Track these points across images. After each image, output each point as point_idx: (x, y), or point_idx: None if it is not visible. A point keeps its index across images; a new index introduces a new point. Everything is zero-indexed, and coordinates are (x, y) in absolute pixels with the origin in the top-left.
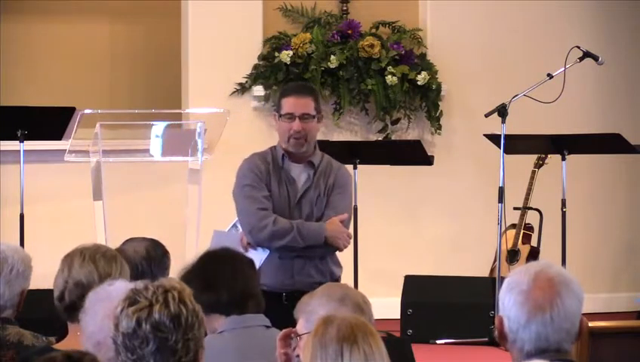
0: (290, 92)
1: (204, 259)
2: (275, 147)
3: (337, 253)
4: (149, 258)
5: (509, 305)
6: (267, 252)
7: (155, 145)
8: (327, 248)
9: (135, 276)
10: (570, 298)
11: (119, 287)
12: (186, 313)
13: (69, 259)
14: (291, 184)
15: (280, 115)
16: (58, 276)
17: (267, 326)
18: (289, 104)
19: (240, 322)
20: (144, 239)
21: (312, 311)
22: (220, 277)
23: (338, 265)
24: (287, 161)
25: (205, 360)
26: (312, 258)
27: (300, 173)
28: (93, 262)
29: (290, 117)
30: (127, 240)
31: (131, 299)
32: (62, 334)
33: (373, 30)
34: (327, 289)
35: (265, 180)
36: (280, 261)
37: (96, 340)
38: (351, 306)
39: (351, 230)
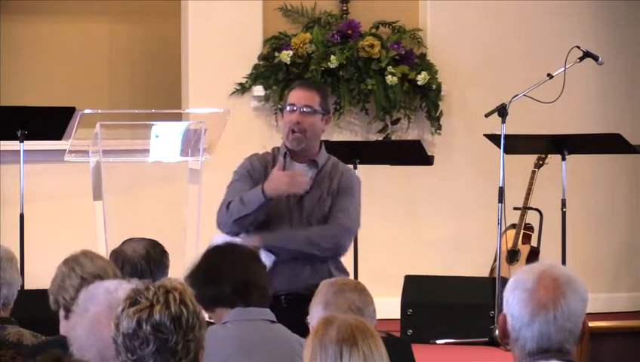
0: (298, 85)
1: (205, 255)
2: (277, 148)
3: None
4: (148, 258)
5: (513, 302)
6: (272, 257)
7: (156, 145)
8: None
9: (134, 276)
10: (575, 298)
11: (106, 288)
12: (187, 314)
13: (73, 261)
14: None
15: (285, 109)
16: (68, 277)
17: (272, 321)
18: (293, 96)
19: (243, 314)
20: (143, 239)
21: (314, 304)
22: (220, 269)
23: (342, 271)
24: (289, 160)
25: (207, 349)
26: (311, 261)
27: (302, 172)
28: (100, 259)
29: (292, 108)
30: (125, 241)
31: (132, 300)
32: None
33: (373, 30)
34: (324, 288)
35: (256, 177)
36: (278, 264)
37: (80, 344)
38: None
39: None
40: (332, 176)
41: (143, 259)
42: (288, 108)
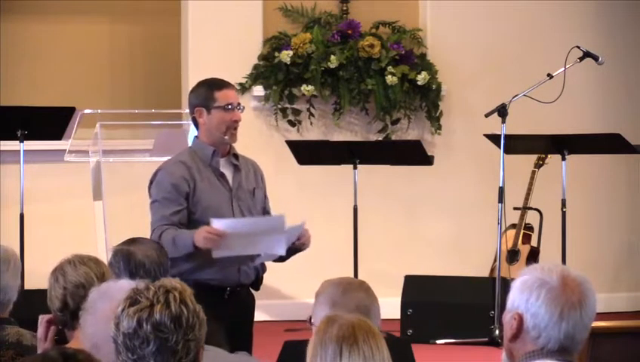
0: (224, 84)
1: None
2: (191, 148)
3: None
4: (159, 262)
5: (538, 302)
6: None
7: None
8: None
9: (145, 278)
10: (592, 298)
11: (121, 286)
12: (187, 313)
13: (59, 270)
14: (223, 178)
15: (215, 107)
16: (53, 288)
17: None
18: (228, 95)
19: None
20: (148, 241)
21: (319, 304)
22: None
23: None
24: (217, 158)
25: None
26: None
27: (226, 167)
28: (84, 265)
29: (232, 106)
30: (130, 242)
31: (132, 299)
32: (61, 335)
33: (373, 30)
34: (329, 288)
35: (186, 187)
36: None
37: (94, 342)
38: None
39: (351, 230)
40: (252, 168)
41: (156, 264)
42: (228, 106)
